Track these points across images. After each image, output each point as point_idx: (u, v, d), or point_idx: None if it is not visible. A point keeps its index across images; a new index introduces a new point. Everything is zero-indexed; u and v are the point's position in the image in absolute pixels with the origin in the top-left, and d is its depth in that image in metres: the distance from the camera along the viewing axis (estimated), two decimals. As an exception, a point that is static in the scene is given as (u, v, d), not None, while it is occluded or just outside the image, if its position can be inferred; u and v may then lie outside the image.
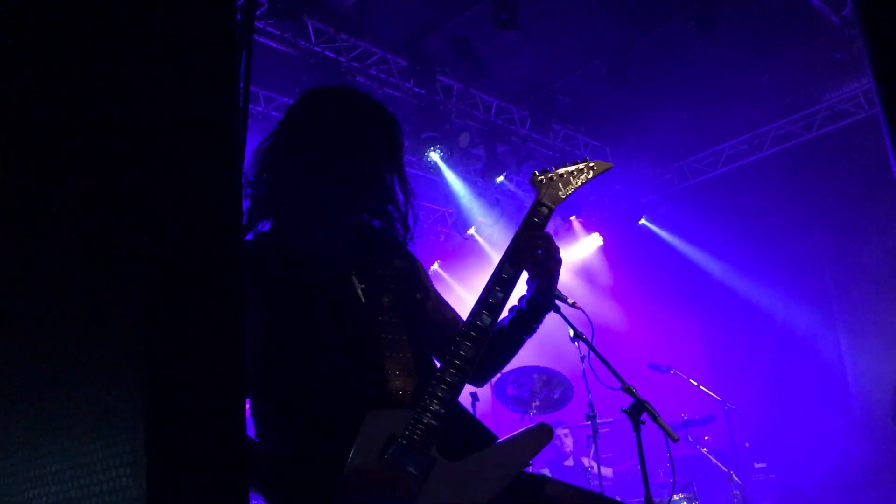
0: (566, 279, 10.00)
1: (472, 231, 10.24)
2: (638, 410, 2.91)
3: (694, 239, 9.43)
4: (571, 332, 3.49)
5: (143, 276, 1.11)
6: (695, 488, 6.20)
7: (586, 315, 3.34)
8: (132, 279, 1.12)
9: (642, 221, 10.04)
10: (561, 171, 2.20)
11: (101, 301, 1.18)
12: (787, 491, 7.64)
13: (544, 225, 2.09)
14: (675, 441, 2.86)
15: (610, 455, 7.76)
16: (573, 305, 3.36)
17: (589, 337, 3.29)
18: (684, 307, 9.38)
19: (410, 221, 2.19)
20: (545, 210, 2.11)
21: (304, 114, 2.13)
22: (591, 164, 2.23)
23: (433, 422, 1.82)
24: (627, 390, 3.02)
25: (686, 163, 9.80)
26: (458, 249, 10.41)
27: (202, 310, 1.15)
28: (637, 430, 2.93)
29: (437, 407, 1.84)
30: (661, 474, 7.12)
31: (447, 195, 9.30)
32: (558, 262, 2.07)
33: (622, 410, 2.95)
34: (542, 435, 1.91)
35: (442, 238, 10.44)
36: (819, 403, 8.11)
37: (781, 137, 9.19)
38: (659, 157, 9.55)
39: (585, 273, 10.27)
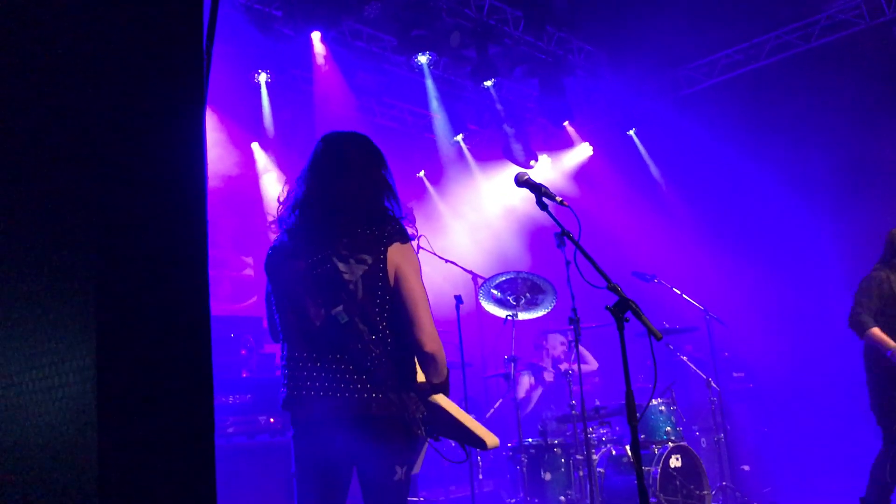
0: (558, 182, 9.91)
1: (458, 138, 10.05)
2: (622, 309, 2.86)
3: (685, 148, 9.31)
4: (558, 231, 3.41)
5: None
6: (673, 394, 6.28)
7: (574, 213, 3.25)
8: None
9: (631, 133, 9.89)
10: None
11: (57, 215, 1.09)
12: (764, 400, 7.77)
13: None
14: (659, 339, 2.83)
15: (593, 357, 7.83)
16: (561, 203, 3.27)
17: (576, 235, 3.21)
18: (672, 217, 9.35)
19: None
20: None
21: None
22: None
23: None
24: (612, 289, 2.96)
25: (682, 71, 9.59)
26: (444, 157, 10.23)
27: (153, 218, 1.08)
28: (620, 329, 2.88)
29: None
30: (641, 379, 7.21)
31: (435, 99, 9.07)
32: None
33: (606, 308, 2.90)
34: None
35: (430, 144, 10.25)
36: (800, 315, 8.17)
37: (779, 47, 8.98)
38: (654, 66, 9.32)
39: (576, 179, 10.18)
